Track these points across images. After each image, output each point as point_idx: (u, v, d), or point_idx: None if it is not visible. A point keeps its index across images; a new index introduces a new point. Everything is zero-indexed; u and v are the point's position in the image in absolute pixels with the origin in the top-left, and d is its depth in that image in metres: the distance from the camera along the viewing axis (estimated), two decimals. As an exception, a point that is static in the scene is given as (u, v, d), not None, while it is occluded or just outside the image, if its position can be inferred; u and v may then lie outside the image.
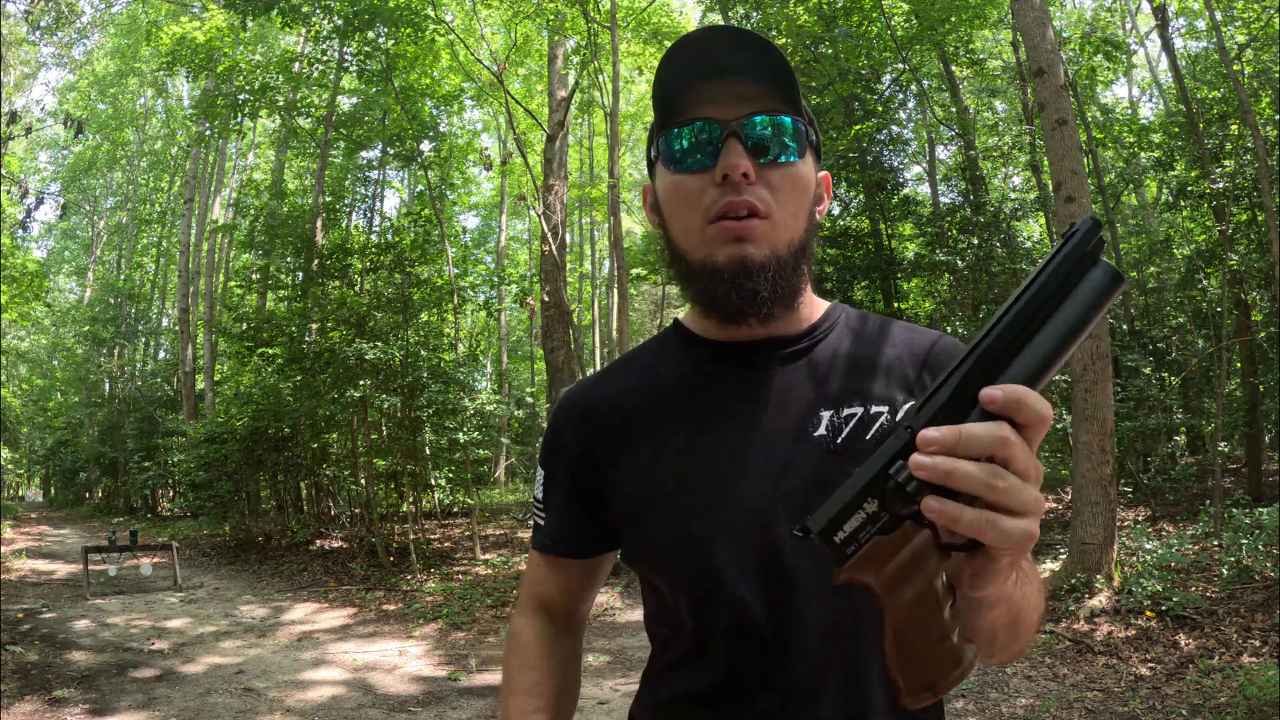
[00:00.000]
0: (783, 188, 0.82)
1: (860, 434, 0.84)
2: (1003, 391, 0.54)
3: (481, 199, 24.26)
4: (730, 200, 0.80)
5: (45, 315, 23.44)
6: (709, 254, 0.83)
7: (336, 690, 5.22)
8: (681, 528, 0.84)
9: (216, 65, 11.32)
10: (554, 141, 10.97)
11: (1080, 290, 0.56)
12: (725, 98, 0.82)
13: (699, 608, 0.86)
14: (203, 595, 8.86)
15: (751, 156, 0.81)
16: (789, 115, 0.82)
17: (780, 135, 0.82)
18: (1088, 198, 6.11)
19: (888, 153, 11.73)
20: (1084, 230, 0.56)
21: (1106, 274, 0.56)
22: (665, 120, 0.85)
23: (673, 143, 0.84)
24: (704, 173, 0.82)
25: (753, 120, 0.81)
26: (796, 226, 0.84)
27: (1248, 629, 4.82)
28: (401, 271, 10.86)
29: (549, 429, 0.98)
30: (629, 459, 0.89)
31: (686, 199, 0.84)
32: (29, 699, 4.81)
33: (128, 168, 24.43)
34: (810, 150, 0.87)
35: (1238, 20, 9.53)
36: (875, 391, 0.87)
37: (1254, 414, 8.98)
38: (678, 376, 0.91)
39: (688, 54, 0.81)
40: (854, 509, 0.59)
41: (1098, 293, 0.56)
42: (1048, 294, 0.56)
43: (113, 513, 20.65)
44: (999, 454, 0.53)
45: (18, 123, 10.58)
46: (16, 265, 13.89)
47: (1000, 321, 0.57)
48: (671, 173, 0.85)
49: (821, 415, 0.85)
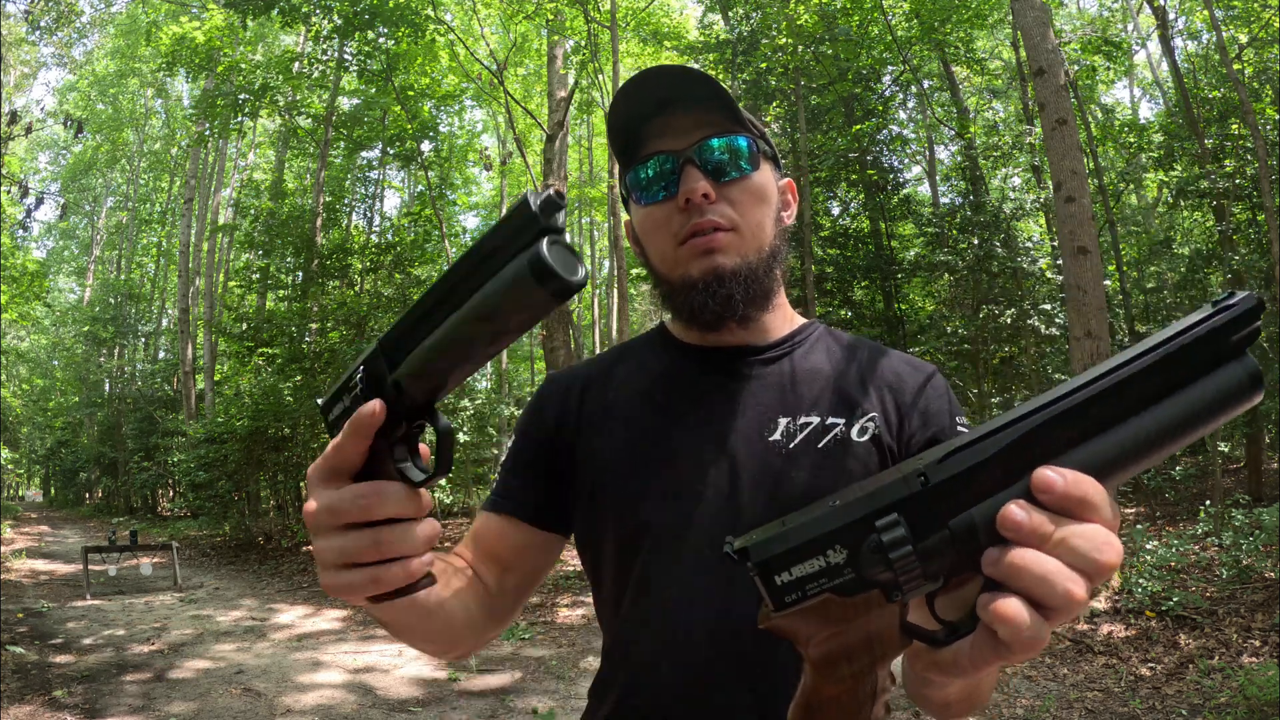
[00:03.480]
0: (743, 200, 0.89)
1: (814, 442, 0.88)
2: (1065, 480, 0.43)
3: (481, 199, 24.27)
4: (695, 223, 0.87)
5: (45, 315, 23.45)
6: (684, 271, 0.89)
7: (336, 691, 5.22)
8: (633, 510, 0.89)
9: (216, 65, 11.33)
10: (553, 141, 10.97)
11: (1210, 382, 0.44)
12: (676, 129, 0.89)
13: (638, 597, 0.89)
14: (202, 596, 8.86)
15: (710, 178, 0.87)
16: (739, 134, 0.89)
17: (733, 153, 0.88)
18: (1088, 198, 6.10)
19: (888, 153, 11.74)
20: (1241, 310, 0.44)
21: (1248, 374, 0.44)
22: (627, 160, 0.92)
23: (638, 178, 0.91)
24: (668, 201, 0.89)
25: (706, 144, 0.88)
26: (764, 234, 0.90)
27: (1248, 629, 4.82)
28: (401, 271, 10.87)
29: (532, 401, 1.03)
30: (599, 441, 0.94)
31: (657, 227, 0.91)
32: (29, 699, 4.80)
33: (128, 168, 24.43)
34: (767, 161, 0.93)
35: (1238, 19, 9.53)
36: (836, 405, 0.91)
37: (1254, 414, 8.98)
38: (656, 374, 0.97)
39: (635, 97, 0.88)
40: (813, 553, 0.46)
41: (1227, 394, 0.44)
42: (1169, 371, 0.44)
43: (113, 513, 20.65)
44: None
45: (18, 123, 10.58)
46: (16, 265, 13.90)
47: (1093, 383, 0.44)
48: (641, 205, 0.92)
49: (779, 421, 0.89)
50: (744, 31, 11.03)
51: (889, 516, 0.45)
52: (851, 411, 0.90)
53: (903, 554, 0.44)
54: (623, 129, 0.91)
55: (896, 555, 0.44)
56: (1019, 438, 0.44)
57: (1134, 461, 0.44)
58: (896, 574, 0.45)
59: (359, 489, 0.54)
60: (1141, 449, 0.44)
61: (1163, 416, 0.44)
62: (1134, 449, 0.44)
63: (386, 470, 0.55)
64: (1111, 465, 0.44)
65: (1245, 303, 0.43)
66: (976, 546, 0.45)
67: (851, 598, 0.46)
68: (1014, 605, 0.42)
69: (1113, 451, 0.44)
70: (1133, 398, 0.44)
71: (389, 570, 0.55)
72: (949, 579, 0.46)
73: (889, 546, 0.44)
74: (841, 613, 0.46)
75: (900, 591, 0.45)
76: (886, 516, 0.45)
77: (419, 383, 0.52)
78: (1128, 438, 0.44)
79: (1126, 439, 0.44)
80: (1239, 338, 0.44)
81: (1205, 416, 0.44)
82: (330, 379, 10.41)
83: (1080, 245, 5.93)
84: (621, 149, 0.93)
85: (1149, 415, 0.44)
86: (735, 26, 11.44)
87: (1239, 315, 0.43)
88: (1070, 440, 0.44)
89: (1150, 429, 0.44)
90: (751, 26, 10.91)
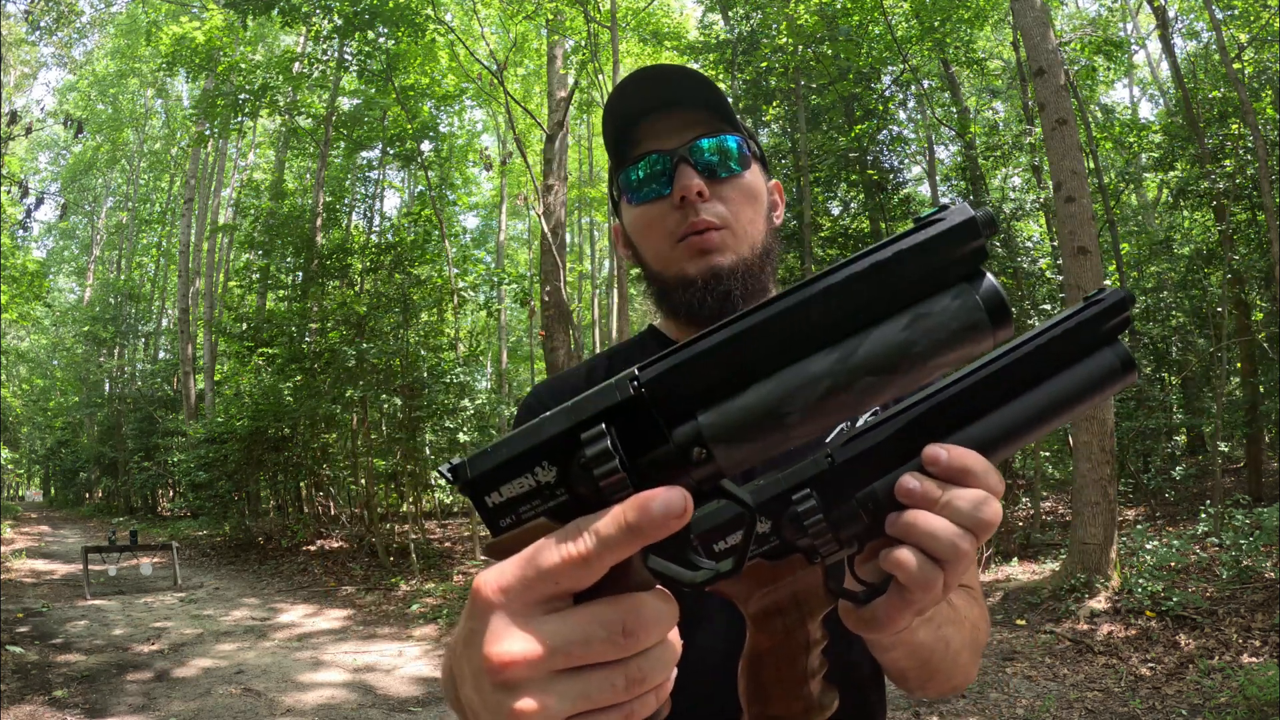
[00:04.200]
0: (735, 198, 0.90)
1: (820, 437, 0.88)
2: (949, 454, 0.49)
3: (481, 199, 24.25)
4: (692, 221, 0.88)
5: (45, 315, 23.44)
6: (680, 269, 0.90)
7: (336, 691, 5.22)
8: None
9: (216, 65, 11.32)
10: (553, 141, 10.96)
11: (1083, 367, 0.49)
12: (669, 129, 0.89)
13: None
14: (202, 595, 8.86)
15: (703, 176, 0.88)
16: (730, 134, 0.89)
17: (725, 153, 0.89)
18: (1088, 198, 6.10)
19: (888, 153, 11.73)
20: (1110, 302, 0.49)
21: (1119, 358, 0.48)
22: (620, 160, 0.93)
23: (631, 178, 0.91)
24: (663, 200, 0.90)
25: (699, 144, 0.88)
26: (756, 232, 0.91)
27: (1248, 629, 4.82)
28: (401, 271, 10.86)
29: (518, 416, 1.02)
30: None
31: (651, 226, 0.91)
32: (29, 699, 4.80)
33: (128, 168, 24.42)
34: (756, 161, 0.95)
35: (1238, 19, 9.53)
36: None
37: (1254, 414, 8.98)
38: None
39: (627, 98, 0.89)
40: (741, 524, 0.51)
41: (1102, 377, 0.48)
42: (1044, 359, 0.49)
43: (113, 513, 20.65)
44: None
45: (18, 123, 10.58)
46: (16, 265, 13.89)
47: (976, 372, 0.50)
48: (634, 205, 0.93)
49: None
50: (744, 31, 11.02)
51: (803, 491, 0.51)
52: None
53: (815, 521, 0.51)
54: (615, 130, 0.92)
55: (810, 523, 0.51)
56: (911, 420, 0.51)
57: (1015, 438, 0.50)
58: (813, 539, 0.51)
59: (613, 617, 0.37)
60: (1021, 427, 0.49)
61: (1041, 398, 0.49)
62: (1014, 427, 0.49)
63: (637, 573, 0.38)
64: (995, 442, 0.50)
65: (1114, 295, 0.49)
66: (881, 514, 0.51)
67: (777, 562, 0.54)
68: (904, 552, 0.49)
69: (994, 430, 0.50)
70: (1012, 383, 0.49)
71: (642, 701, 0.39)
72: (863, 544, 0.53)
73: (803, 516, 0.51)
74: (772, 575, 0.54)
75: (819, 555, 0.52)
76: (801, 491, 0.52)
77: (743, 452, 0.38)
78: (1008, 418, 0.49)
79: (1007, 419, 0.49)
80: (1110, 326, 0.49)
81: (1079, 397, 0.49)
82: (330, 379, 10.39)
83: (1080, 245, 5.93)
84: (614, 150, 0.94)
85: (1032, 395, 0.49)
86: (735, 26, 11.44)
87: (1108, 307, 0.48)
88: (958, 421, 0.50)
89: (1029, 409, 0.49)
90: (751, 26, 10.90)
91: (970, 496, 0.49)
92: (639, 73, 0.88)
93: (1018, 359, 0.49)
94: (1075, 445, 6.13)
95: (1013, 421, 0.49)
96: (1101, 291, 0.50)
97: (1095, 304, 0.49)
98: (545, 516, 0.38)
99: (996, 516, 0.49)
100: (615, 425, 0.37)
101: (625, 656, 0.37)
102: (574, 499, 0.38)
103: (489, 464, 0.39)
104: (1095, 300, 0.49)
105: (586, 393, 0.38)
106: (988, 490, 0.49)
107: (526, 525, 0.39)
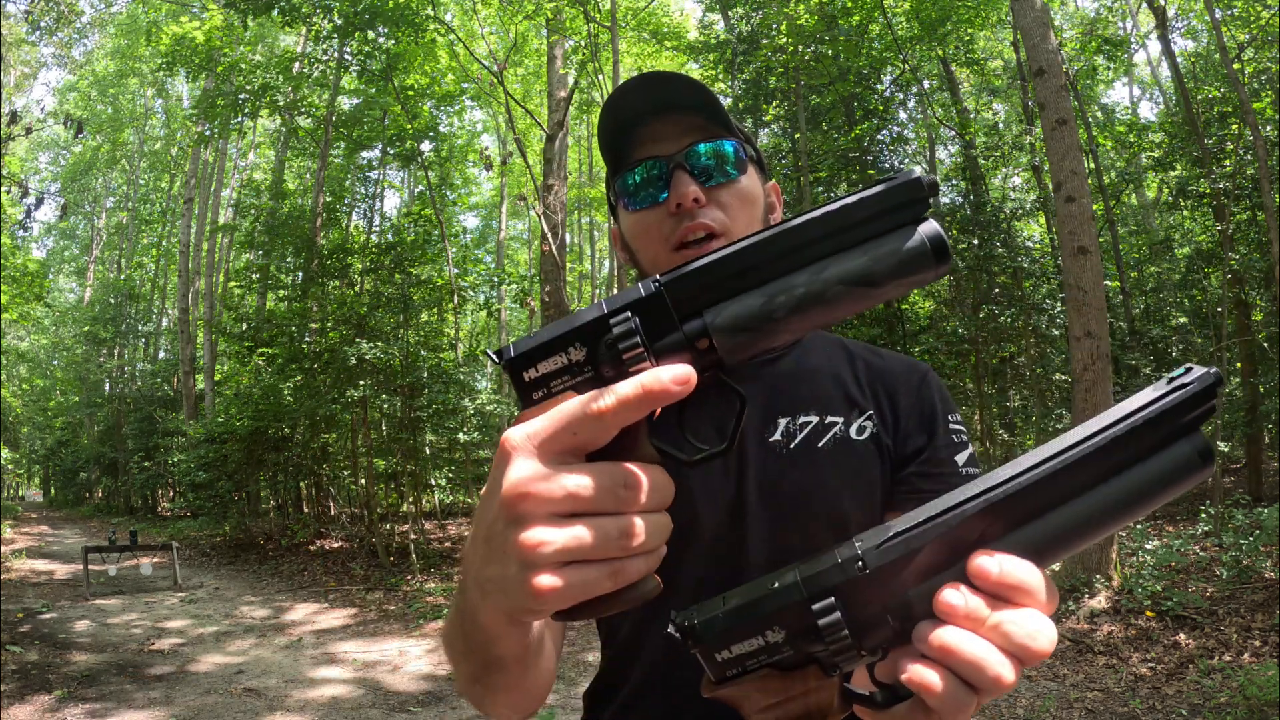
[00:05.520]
0: (733, 204, 0.89)
1: (814, 441, 0.88)
2: (1000, 568, 0.43)
3: (481, 199, 24.25)
4: (687, 226, 0.87)
5: (45, 315, 23.44)
6: None
7: (337, 690, 5.22)
8: None
9: (216, 65, 11.32)
10: (553, 141, 10.97)
11: (1156, 462, 0.44)
12: (665, 135, 0.89)
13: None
14: (203, 595, 8.86)
15: (699, 182, 0.87)
16: (726, 138, 0.89)
17: (722, 158, 0.89)
18: (1088, 198, 6.10)
19: (888, 153, 11.72)
20: (1196, 390, 0.43)
21: (1197, 451, 0.43)
22: (616, 166, 0.93)
23: (627, 184, 0.91)
24: (659, 206, 0.89)
25: (695, 150, 0.88)
26: None
27: (1248, 629, 4.82)
28: (401, 271, 10.86)
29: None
30: None
31: (648, 232, 0.91)
32: (29, 699, 4.80)
33: (128, 168, 24.42)
34: (753, 165, 0.93)
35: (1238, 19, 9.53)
36: (834, 404, 0.91)
37: (1254, 414, 8.98)
38: None
39: (623, 104, 0.88)
40: (752, 633, 0.47)
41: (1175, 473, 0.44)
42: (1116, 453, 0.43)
43: (113, 513, 20.65)
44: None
45: (18, 123, 10.58)
46: (16, 265, 13.88)
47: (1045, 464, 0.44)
48: (630, 211, 0.92)
49: (778, 421, 0.90)
50: (744, 31, 11.02)
51: (825, 601, 0.45)
52: (850, 410, 0.91)
53: (839, 638, 0.45)
54: (611, 136, 0.91)
55: (833, 637, 0.45)
56: (962, 520, 0.45)
57: (1073, 542, 0.45)
58: (833, 653, 0.46)
59: (619, 473, 0.43)
60: (1083, 530, 0.44)
61: (1107, 497, 0.44)
62: (1072, 530, 0.44)
63: (642, 447, 0.46)
64: (1050, 546, 0.45)
65: (1200, 380, 0.43)
66: (911, 621, 0.46)
67: (789, 674, 0.47)
68: (933, 675, 0.44)
69: (1050, 533, 0.44)
70: (1079, 480, 0.44)
71: (633, 562, 0.44)
72: (887, 652, 0.48)
73: (825, 629, 0.45)
74: (782, 688, 0.48)
75: (838, 668, 0.47)
76: (823, 601, 0.45)
77: (739, 340, 0.45)
78: (1067, 519, 0.44)
79: (1066, 520, 0.44)
80: (1193, 417, 0.43)
81: (1149, 497, 0.44)
82: (330, 379, 10.39)
83: (1080, 245, 5.93)
84: (610, 156, 0.93)
85: (1093, 496, 0.44)
86: (735, 26, 11.44)
87: (1194, 394, 0.43)
88: (1018, 517, 0.45)
89: (1094, 510, 0.44)
90: (751, 26, 10.90)
91: (1023, 623, 0.43)
92: (635, 78, 0.87)
93: (1089, 452, 0.43)
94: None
95: (1072, 523, 0.44)
96: (1189, 371, 0.44)
97: (1180, 389, 0.43)
98: (572, 390, 0.45)
99: (1050, 646, 0.43)
100: (639, 315, 0.45)
101: (624, 511, 0.43)
102: (598, 376, 0.45)
103: (529, 345, 0.46)
104: (1182, 385, 0.43)
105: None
106: (1041, 610, 0.44)
107: (555, 397, 0.46)
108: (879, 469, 0.89)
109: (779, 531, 0.86)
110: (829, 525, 0.86)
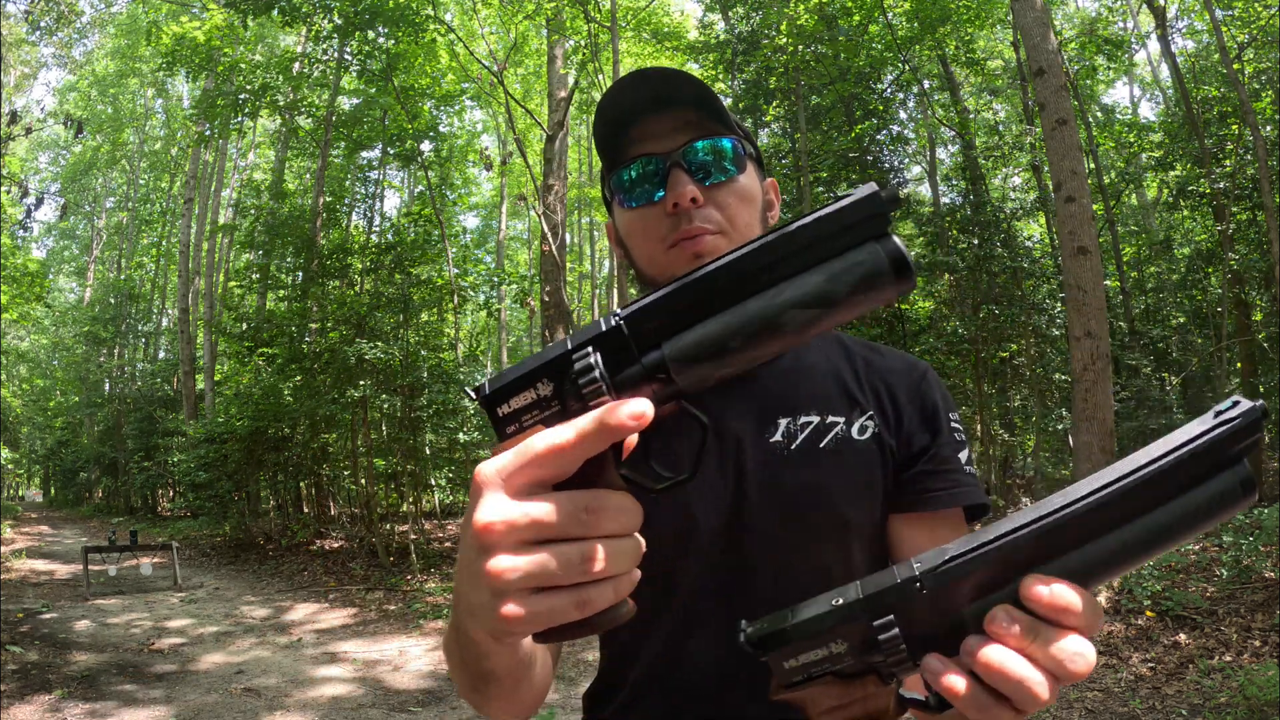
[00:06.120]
0: (731, 203, 0.87)
1: (815, 441, 0.87)
2: (1051, 593, 0.46)
3: (481, 199, 24.26)
4: (684, 229, 0.86)
5: (45, 315, 23.44)
6: (672, 274, 0.86)
7: (337, 690, 5.22)
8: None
9: (216, 65, 11.32)
10: (553, 141, 10.97)
11: (1201, 491, 0.46)
12: (662, 132, 0.87)
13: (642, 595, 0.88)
14: (203, 595, 8.86)
15: (697, 180, 0.86)
16: (724, 136, 0.87)
17: (719, 156, 0.87)
18: (1088, 198, 6.11)
19: (888, 153, 11.73)
20: (1243, 424, 0.45)
21: (1240, 480, 0.45)
22: (612, 162, 0.91)
23: (623, 181, 0.89)
24: (655, 205, 0.88)
25: (692, 147, 0.86)
26: (752, 234, 0.89)
27: (1248, 629, 4.82)
28: (401, 271, 10.86)
29: None
30: None
31: (644, 231, 0.90)
32: (29, 699, 4.80)
33: (128, 168, 24.42)
34: (751, 162, 0.91)
35: (1238, 19, 9.53)
36: (835, 404, 0.90)
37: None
38: None
39: (620, 100, 0.87)
40: (818, 644, 0.52)
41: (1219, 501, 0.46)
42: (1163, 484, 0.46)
43: (113, 513, 20.65)
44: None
45: (18, 123, 10.58)
46: (16, 265, 13.88)
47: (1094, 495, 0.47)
48: (626, 209, 0.91)
49: (779, 422, 0.88)
50: (744, 31, 11.02)
51: (885, 618, 0.50)
52: (850, 410, 0.89)
53: (897, 651, 0.50)
54: (607, 131, 0.89)
55: (891, 651, 0.50)
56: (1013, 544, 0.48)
57: (1120, 567, 0.48)
58: (891, 664, 0.51)
59: (580, 499, 0.44)
60: (1128, 556, 0.47)
61: (1153, 525, 0.46)
62: (1122, 556, 0.47)
63: (609, 477, 0.47)
64: (1100, 571, 0.48)
65: (1248, 415, 0.45)
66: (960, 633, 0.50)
67: (849, 681, 0.52)
68: (959, 682, 0.48)
69: (1100, 559, 0.47)
70: (1126, 511, 0.47)
71: (599, 589, 0.45)
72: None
73: (885, 644, 0.50)
74: (843, 694, 0.53)
75: (894, 677, 0.52)
76: (883, 618, 0.50)
77: (696, 370, 0.46)
78: (1118, 545, 0.47)
79: (1116, 547, 0.47)
80: (1239, 449, 0.45)
81: (1192, 525, 0.46)
82: (330, 379, 10.39)
83: (1080, 245, 5.94)
84: (606, 152, 0.91)
85: (1139, 524, 0.47)
86: (735, 26, 11.44)
87: (1240, 428, 0.45)
88: (1061, 549, 0.48)
89: (1139, 537, 0.47)
90: (751, 26, 10.90)
91: (1068, 647, 0.46)
92: (631, 73, 0.86)
93: (1138, 483, 0.46)
94: (1075, 445, 6.13)
95: (1118, 550, 0.47)
96: (1236, 404, 0.45)
97: (1227, 423, 0.45)
98: (541, 424, 0.47)
99: (1088, 669, 0.47)
100: (600, 350, 0.46)
101: (588, 535, 0.44)
102: (564, 410, 0.46)
103: (503, 382, 0.48)
104: (1226, 419, 0.45)
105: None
106: (1084, 633, 0.47)
107: (526, 431, 0.47)
108: (881, 469, 0.88)
109: (780, 533, 0.84)
110: (831, 527, 0.85)
